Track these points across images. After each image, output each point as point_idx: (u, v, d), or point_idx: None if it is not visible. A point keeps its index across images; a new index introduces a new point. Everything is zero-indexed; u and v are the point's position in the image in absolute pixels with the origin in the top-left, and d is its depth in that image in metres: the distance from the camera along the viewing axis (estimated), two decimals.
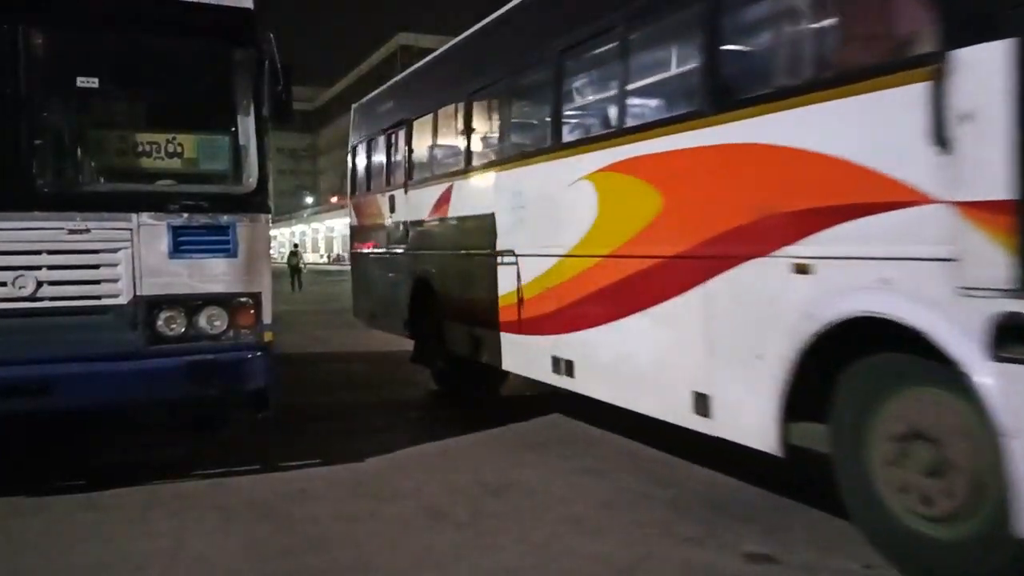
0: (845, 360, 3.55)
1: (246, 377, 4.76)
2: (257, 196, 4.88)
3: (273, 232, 8.43)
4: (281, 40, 4.85)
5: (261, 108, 4.87)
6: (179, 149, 4.89)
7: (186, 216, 4.67)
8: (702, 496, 4.54)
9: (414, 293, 8.15)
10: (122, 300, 4.54)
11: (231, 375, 4.70)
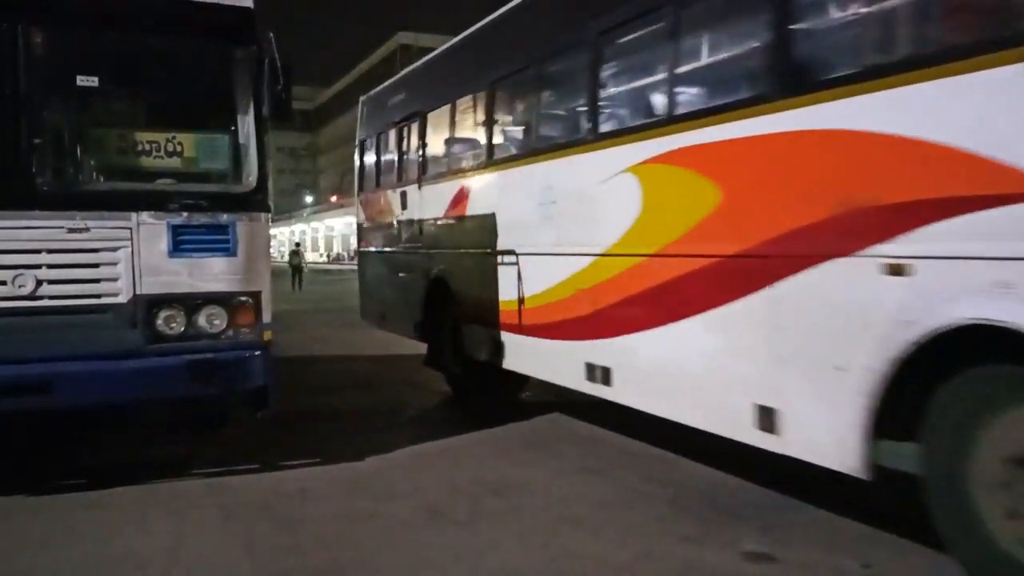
0: (944, 372, 3.17)
1: (246, 376, 4.76)
2: (257, 195, 4.88)
3: (273, 231, 8.41)
4: (281, 40, 4.85)
5: (261, 107, 4.87)
6: (179, 148, 4.91)
7: (186, 215, 4.67)
8: (701, 495, 4.54)
9: (428, 294, 7.76)
10: (122, 299, 4.54)
11: (231, 374, 4.70)
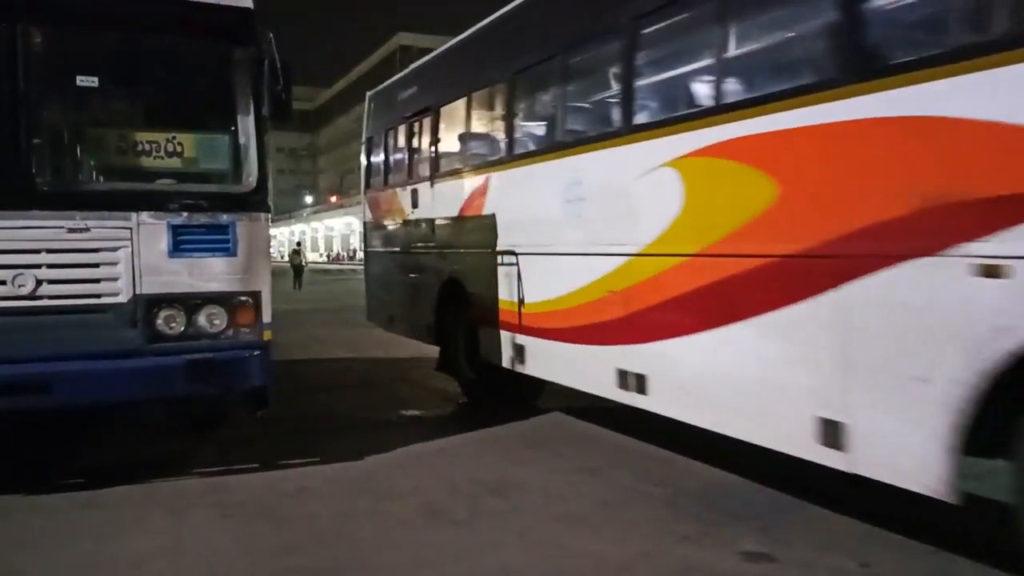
0: None
1: (245, 375, 4.76)
2: (257, 195, 4.89)
3: (273, 231, 8.40)
4: (281, 40, 4.85)
5: (261, 107, 4.87)
6: (179, 148, 4.91)
7: (186, 215, 4.67)
8: (700, 494, 4.54)
9: (441, 296, 7.47)
10: (122, 299, 4.55)
11: (230, 373, 4.71)
